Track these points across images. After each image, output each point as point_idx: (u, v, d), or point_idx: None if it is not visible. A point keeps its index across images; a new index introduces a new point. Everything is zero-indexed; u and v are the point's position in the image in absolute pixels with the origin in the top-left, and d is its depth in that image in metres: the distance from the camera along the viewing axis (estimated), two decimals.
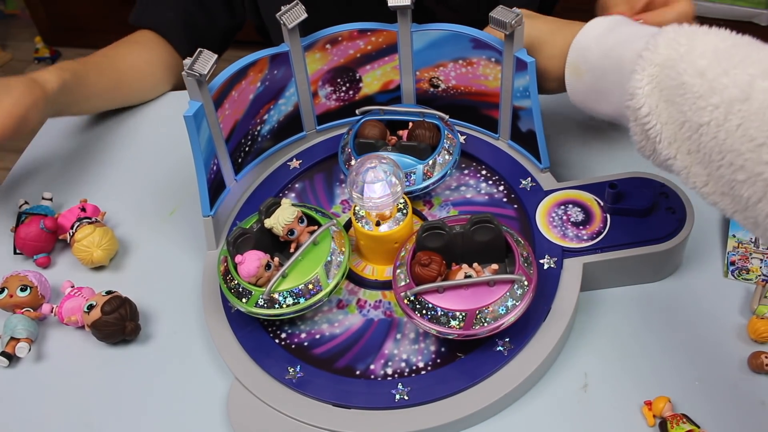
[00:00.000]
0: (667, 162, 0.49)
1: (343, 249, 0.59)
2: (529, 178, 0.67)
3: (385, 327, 0.59)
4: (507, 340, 0.55)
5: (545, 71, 0.64)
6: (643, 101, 0.49)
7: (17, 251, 0.71)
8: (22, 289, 0.64)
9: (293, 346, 0.58)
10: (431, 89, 0.73)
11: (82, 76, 0.79)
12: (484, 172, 0.70)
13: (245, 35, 0.98)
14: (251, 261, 0.56)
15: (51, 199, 0.75)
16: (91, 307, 0.61)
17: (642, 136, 0.51)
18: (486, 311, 0.53)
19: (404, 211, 0.61)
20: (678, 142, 0.48)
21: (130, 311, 0.62)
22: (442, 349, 0.57)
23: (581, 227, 0.62)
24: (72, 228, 0.69)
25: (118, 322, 0.61)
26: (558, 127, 0.77)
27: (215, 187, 0.67)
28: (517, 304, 0.53)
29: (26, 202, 0.74)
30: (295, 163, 0.74)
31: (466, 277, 0.56)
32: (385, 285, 0.62)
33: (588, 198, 0.64)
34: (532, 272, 0.55)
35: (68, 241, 0.69)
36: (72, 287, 0.65)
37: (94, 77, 0.82)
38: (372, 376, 0.56)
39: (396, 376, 0.55)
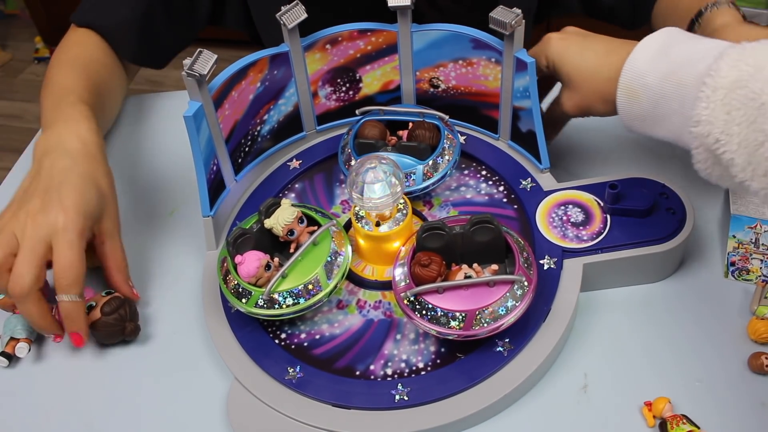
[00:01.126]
0: (744, 184, 0.48)
1: (343, 249, 0.59)
2: (529, 179, 0.67)
3: (385, 327, 0.59)
4: (507, 340, 0.55)
5: (602, 94, 0.59)
6: (711, 128, 0.47)
7: None
8: None
9: (293, 347, 0.58)
10: (431, 89, 0.73)
11: (98, 114, 0.72)
12: (484, 173, 0.70)
13: (244, 35, 0.98)
14: (251, 261, 0.56)
15: None
16: (90, 308, 0.61)
17: (708, 162, 0.49)
18: (486, 312, 0.53)
19: (404, 212, 0.61)
20: (753, 164, 0.47)
21: (130, 312, 0.62)
22: (442, 350, 0.57)
23: (581, 228, 0.62)
24: None
25: (118, 323, 0.61)
26: None
27: (215, 188, 0.67)
28: (516, 304, 0.53)
29: None
30: (295, 164, 0.74)
31: (466, 277, 0.56)
32: (385, 285, 0.62)
33: (588, 198, 0.64)
34: (532, 273, 0.55)
35: None
36: None
37: (99, 111, 0.74)
38: (372, 377, 0.56)
39: (396, 376, 0.55)
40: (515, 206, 0.66)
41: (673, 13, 0.78)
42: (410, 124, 0.69)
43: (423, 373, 0.55)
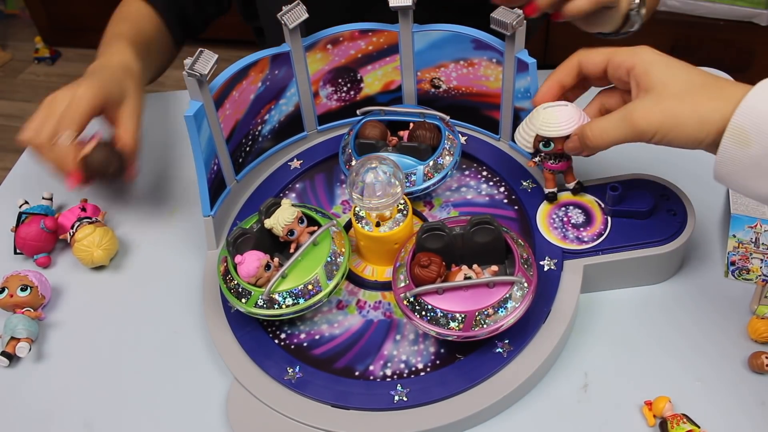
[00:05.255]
0: None
1: (343, 250, 0.59)
2: (530, 180, 0.67)
3: (385, 328, 0.59)
4: (506, 341, 0.55)
5: (701, 115, 0.50)
6: None
7: (17, 251, 0.71)
8: (23, 289, 0.64)
9: (292, 347, 0.58)
10: (432, 90, 0.73)
11: (141, 56, 0.81)
12: (484, 173, 0.70)
13: (245, 35, 0.98)
14: (251, 261, 0.56)
15: (51, 199, 0.75)
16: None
17: None
18: (485, 313, 0.53)
19: (404, 212, 0.61)
20: None
21: (115, 153, 0.67)
22: (442, 351, 0.57)
23: (582, 229, 0.62)
24: (72, 228, 0.69)
25: (105, 160, 0.66)
26: None
27: (215, 187, 0.67)
28: (516, 305, 0.53)
29: (26, 202, 0.74)
30: (295, 163, 0.74)
31: (466, 278, 0.56)
32: (385, 286, 0.62)
33: (589, 200, 0.64)
34: (531, 274, 0.55)
35: (68, 241, 0.69)
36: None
37: (144, 56, 0.82)
38: (371, 377, 0.56)
39: (395, 377, 0.55)
40: (516, 207, 0.66)
41: None
42: (411, 125, 0.69)
43: (422, 373, 0.55)
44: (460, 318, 0.53)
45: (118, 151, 0.68)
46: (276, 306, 0.56)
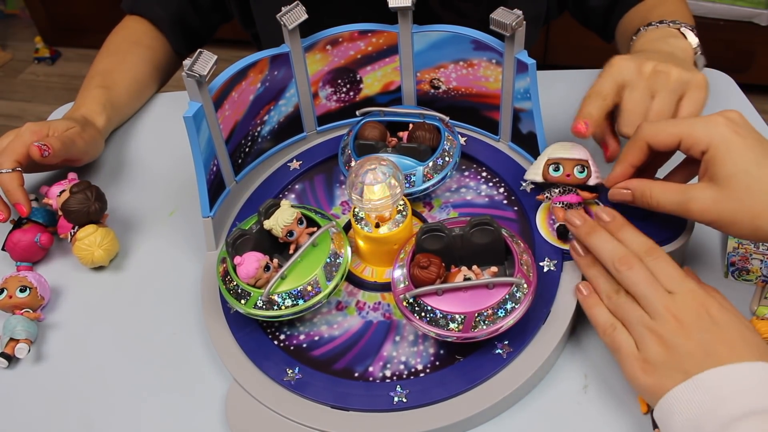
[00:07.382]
0: None
1: (343, 250, 0.59)
2: (529, 180, 0.67)
3: (384, 329, 0.59)
4: (506, 342, 0.55)
5: (759, 217, 0.50)
6: None
7: (4, 248, 0.71)
8: (22, 290, 0.64)
9: (292, 348, 0.58)
10: (432, 90, 0.73)
11: (117, 107, 0.85)
12: (484, 174, 0.70)
13: (244, 35, 0.98)
14: (250, 262, 0.56)
15: (36, 199, 0.75)
16: (62, 193, 0.69)
17: None
18: (485, 314, 0.53)
19: (404, 213, 0.61)
20: None
21: (96, 194, 0.69)
22: (441, 352, 0.57)
23: None
24: (59, 194, 0.70)
25: (84, 201, 0.67)
26: (559, 128, 0.77)
27: (215, 188, 0.67)
28: (516, 306, 0.53)
29: (36, 199, 0.74)
30: (295, 164, 0.74)
31: (465, 279, 0.56)
32: (385, 287, 0.62)
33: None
34: (531, 275, 0.55)
35: (69, 240, 0.69)
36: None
37: (124, 106, 0.87)
38: (370, 378, 0.56)
39: (394, 378, 0.55)
40: (515, 208, 0.66)
41: (624, 32, 0.82)
42: (410, 126, 0.69)
43: (422, 375, 0.55)
44: (459, 319, 0.53)
45: (95, 191, 0.69)
46: (275, 307, 0.56)
